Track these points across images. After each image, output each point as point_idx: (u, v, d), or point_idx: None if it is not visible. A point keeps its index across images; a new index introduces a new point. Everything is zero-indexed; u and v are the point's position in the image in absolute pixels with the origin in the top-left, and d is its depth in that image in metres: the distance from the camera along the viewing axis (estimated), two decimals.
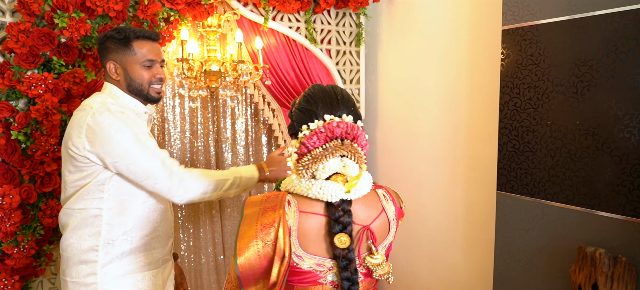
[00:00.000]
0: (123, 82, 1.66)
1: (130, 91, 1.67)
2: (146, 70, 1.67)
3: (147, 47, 1.67)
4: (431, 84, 2.69)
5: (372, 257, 1.17)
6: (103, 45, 1.66)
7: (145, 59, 1.66)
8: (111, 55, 1.65)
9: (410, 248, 2.92)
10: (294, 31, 2.64)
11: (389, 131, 3.03)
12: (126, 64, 1.65)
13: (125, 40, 1.63)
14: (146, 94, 1.68)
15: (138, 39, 1.65)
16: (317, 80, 2.75)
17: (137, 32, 1.66)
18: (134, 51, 1.64)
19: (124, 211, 1.60)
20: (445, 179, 2.64)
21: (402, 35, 2.87)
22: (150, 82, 1.68)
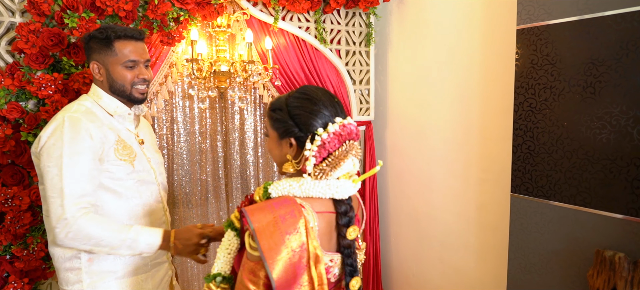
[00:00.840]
0: (105, 82, 1.63)
1: (113, 92, 1.64)
2: (128, 70, 1.62)
3: (129, 47, 1.62)
4: (442, 85, 2.66)
5: (359, 243, 1.28)
6: (87, 45, 1.63)
7: (127, 59, 1.61)
8: (94, 55, 1.62)
9: (420, 250, 2.89)
10: (304, 31, 2.62)
11: (398, 132, 3.00)
12: (108, 64, 1.61)
13: (107, 40, 1.60)
14: (128, 94, 1.64)
15: (120, 39, 1.61)
16: (327, 80, 2.73)
17: (119, 31, 1.61)
18: (116, 51, 1.60)
19: (105, 215, 1.57)
20: (457, 181, 2.61)
21: (413, 35, 2.83)
22: (132, 83, 1.64)
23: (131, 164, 1.63)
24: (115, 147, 1.59)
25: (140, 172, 1.67)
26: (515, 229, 2.06)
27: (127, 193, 1.62)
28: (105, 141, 1.56)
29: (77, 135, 1.48)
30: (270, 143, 1.27)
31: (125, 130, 1.69)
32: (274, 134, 1.25)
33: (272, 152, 1.27)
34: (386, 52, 3.03)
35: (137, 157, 1.67)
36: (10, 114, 1.81)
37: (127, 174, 1.61)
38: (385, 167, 3.11)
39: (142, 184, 1.67)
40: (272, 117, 1.25)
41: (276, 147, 1.25)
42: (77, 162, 1.46)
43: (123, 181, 1.61)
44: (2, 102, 1.81)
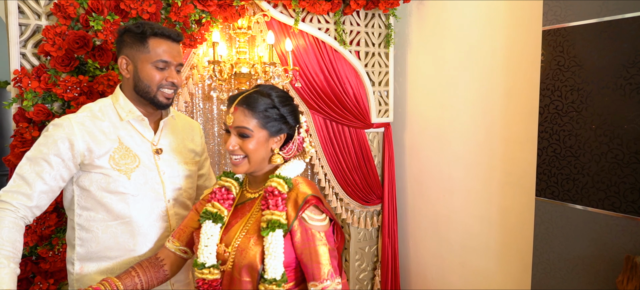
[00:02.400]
0: (131, 80, 1.54)
1: (136, 91, 1.54)
2: (158, 71, 1.52)
3: (164, 46, 1.53)
4: (464, 86, 2.63)
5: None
6: (120, 39, 1.55)
7: (159, 58, 1.51)
8: (125, 49, 1.54)
9: (440, 253, 2.86)
10: (324, 33, 2.61)
11: (418, 134, 2.97)
12: (137, 60, 1.52)
13: (142, 35, 1.51)
14: (152, 97, 1.53)
15: (155, 36, 1.52)
16: (346, 82, 2.72)
17: (156, 28, 1.52)
18: (148, 48, 1.51)
19: (91, 229, 1.52)
20: (479, 184, 2.57)
21: (433, 36, 2.81)
22: (159, 85, 1.53)
23: (127, 174, 1.52)
24: (111, 154, 1.50)
25: (139, 185, 1.54)
26: (539, 233, 2.03)
27: (115, 206, 1.50)
28: (98, 148, 1.47)
29: (46, 141, 1.44)
30: (256, 144, 1.35)
31: (135, 136, 1.57)
32: (263, 133, 1.35)
33: (257, 152, 1.36)
34: (406, 53, 3.01)
35: (139, 168, 1.54)
36: (36, 116, 1.84)
37: (119, 185, 1.50)
38: (403, 170, 3.09)
39: (137, 199, 1.54)
40: (266, 118, 1.35)
41: (263, 145, 1.36)
42: (32, 163, 1.43)
43: (111, 194, 1.50)
44: (29, 105, 1.84)
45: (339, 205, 2.87)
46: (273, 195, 1.34)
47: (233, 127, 1.35)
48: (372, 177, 2.87)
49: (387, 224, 2.95)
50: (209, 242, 1.38)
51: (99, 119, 1.52)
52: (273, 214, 1.32)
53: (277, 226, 1.30)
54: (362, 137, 2.81)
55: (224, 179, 1.49)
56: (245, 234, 1.36)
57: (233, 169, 1.41)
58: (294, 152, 1.44)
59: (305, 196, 1.34)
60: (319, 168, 2.78)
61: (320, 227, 1.34)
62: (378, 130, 2.91)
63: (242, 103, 1.34)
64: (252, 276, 1.32)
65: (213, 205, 1.43)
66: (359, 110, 2.76)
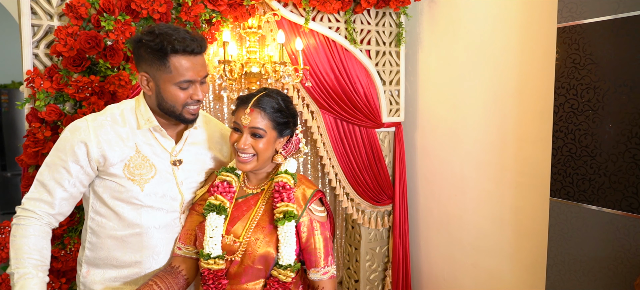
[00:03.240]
0: (154, 98, 1.45)
1: (160, 109, 1.47)
2: (182, 91, 1.41)
3: (187, 63, 1.39)
4: (476, 85, 2.60)
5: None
6: (137, 52, 1.43)
7: (183, 79, 1.39)
8: (144, 65, 1.42)
9: (451, 254, 2.83)
10: (334, 32, 2.60)
11: (429, 134, 2.94)
12: (159, 80, 1.41)
13: (161, 53, 1.36)
14: (178, 115, 1.46)
15: (177, 54, 1.37)
16: (357, 81, 2.70)
17: (177, 44, 1.36)
18: (170, 68, 1.38)
19: (100, 235, 1.51)
20: (491, 184, 2.54)
21: (445, 34, 2.78)
22: (185, 104, 1.44)
23: (140, 186, 1.48)
24: (126, 163, 1.46)
25: (153, 196, 1.50)
26: (554, 235, 1.99)
27: (128, 215, 1.48)
28: (113, 155, 1.44)
29: (64, 147, 1.41)
30: (266, 143, 1.46)
31: (154, 145, 1.52)
32: (273, 134, 1.47)
33: (266, 151, 1.47)
34: (417, 52, 2.98)
35: (154, 178, 1.50)
36: (49, 116, 1.85)
37: (131, 195, 1.47)
38: (414, 170, 3.06)
39: (150, 210, 1.51)
40: (276, 119, 1.46)
41: (271, 145, 1.48)
42: (51, 170, 1.42)
43: (123, 202, 1.48)
44: (41, 105, 1.85)
45: (350, 205, 2.85)
46: (285, 189, 1.47)
47: (248, 127, 1.43)
48: (383, 176, 2.85)
49: (398, 224, 2.92)
50: (214, 234, 1.45)
51: (119, 124, 1.47)
52: (288, 206, 1.44)
53: (292, 217, 1.43)
54: (373, 136, 2.79)
55: (224, 174, 1.56)
56: (256, 226, 1.47)
57: (240, 165, 1.47)
58: (292, 151, 1.57)
59: (313, 190, 1.52)
60: (329, 168, 2.76)
61: (322, 218, 1.53)
62: (389, 129, 2.89)
63: (257, 105, 1.44)
64: (265, 264, 1.44)
65: (216, 198, 1.50)
66: (370, 110, 2.74)
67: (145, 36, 1.38)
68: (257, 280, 1.46)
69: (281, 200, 1.45)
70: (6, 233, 1.84)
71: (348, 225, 3.12)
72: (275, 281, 1.44)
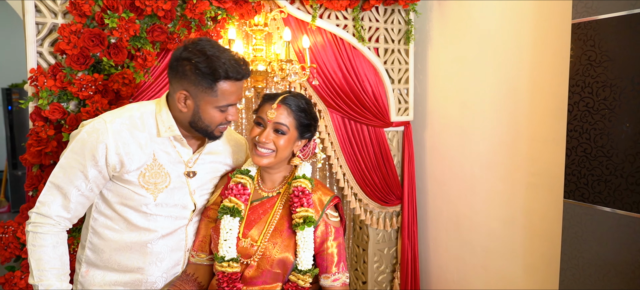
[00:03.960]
0: (187, 116, 1.42)
1: (192, 126, 1.44)
2: (220, 113, 1.41)
3: (233, 88, 1.39)
4: (487, 83, 2.54)
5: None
6: (179, 67, 1.37)
7: (225, 103, 1.39)
8: (185, 83, 1.37)
9: (461, 256, 2.77)
10: (342, 29, 2.55)
11: (439, 133, 2.89)
12: (201, 101, 1.38)
13: (211, 77, 1.33)
14: (210, 133, 1.45)
15: (228, 80, 1.36)
16: (365, 79, 2.65)
17: (230, 70, 1.34)
18: (216, 92, 1.36)
19: (104, 236, 1.47)
20: (503, 184, 2.48)
21: (455, 31, 2.72)
22: (219, 124, 1.44)
23: (154, 195, 1.45)
24: (142, 171, 1.43)
25: (164, 206, 1.48)
26: (568, 238, 1.93)
27: (136, 220, 1.45)
28: (131, 163, 1.40)
29: (82, 149, 1.37)
30: (287, 141, 1.48)
31: (171, 153, 1.49)
32: (294, 134, 1.49)
33: (286, 149, 1.49)
34: (426, 49, 2.93)
35: (168, 188, 1.48)
36: (52, 114, 1.83)
37: (142, 204, 1.44)
38: (424, 169, 3.01)
39: (159, 219, 1.48)
40: (300, 120, 1.49)
41: (290, 145, 1.50)
42: (67, 172, 1.38)
43: (132, 210, 1.45)
44: (44, 103, 1.83)
45: (358, 206, 2.81)
46: (304, 194, 1.48)
47: (273, 122, 1.46)
48: (392, 177, 2.81)
49: (406, 225, 2.87)
50: (228, 236, 1.45)
51: (138, 129, 1.42)
52: (308, 211, 1.45)
53: (312, 222, 1.44)
54: (381, 136, 2.75)
55: (239, 176, 1.57)
56: (274, 229, 1.48)
57: (257, 159, 1.48)
58: (309, 155, 1.59)
59: (330, 196, 1.54)
60: (337, 167, 2.72)
61: (337, 223, 1.55)
62: (398, 128, 2.84)
63: (284, 101, 1.48)
64: (284, 268, 1.46)
65: (230, 200, 1.50)
66: (378, 109, 2.69)
67: (194, 56, 1.34)
68: (275, 283, 1.48)
69: (301, 205, 1.46)
70: (9, 232, 1.83)
71: (356, 226, 3.08)
72: (294, 286, 1.46)
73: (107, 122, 1.39)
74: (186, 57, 1.36)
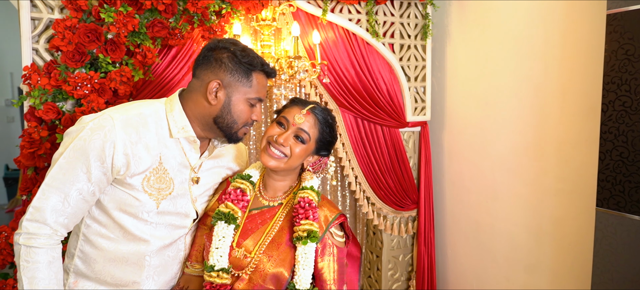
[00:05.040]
0: (214, 110, 1.34)
1: (216, 122, 1.36)
2: (249, 108, 1.38)
3: (263, 83, 1.40)
4: (511, 81, 2.37)
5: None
6: (216, 56, 1.34)
7: (257, 96, 1.38)
8: (222, 73, 1.33)
9: (481, 266, 2.61)
10: (354, 24, 2.42)
11: (458, 134, 2.73)
12: (234, 92, 1.34)
13: (249, 66, 1.34)
14: (232, 133, 1.38)
15: (262, 72, 1.38)
16: (379, 77, 2.52)
17: (264, 62, 1.38)
18: (252, 83, 1.35)
19: (98, 245, 1.35)
20: (528, 190, 2.31)
21: (476, 25, 2.56)
22: (245, 123, 1.39)
23: (157, 201, 1.35)
24: (146, 175, 1.32)
25: (164, 214, 1.38)
26: (601, 249, 1.76)
27: (133, 229, 1.34)
28: (136, 166, 1.30)
29: (86, 146, 1.24)
30: (304, 151, 1.41)
31: (178, 157, 1.39)
32: (312, 146, 1.42)
33: (299, 158, 1.41)
34: (444, 45, 2.77)
35: (172, 194, 1.38)
36: (46, 114, 1.74)
37: (143, 211, 1.34)
38: (441, 173, 2.86)
39: (159, 228, 1.38)
40: (324, 135, 1.43)
41: (304, 156, 1.42)
42: (67, 172, 1.24)
43: (131, 216, 1.34)
44: (37, 103, 1.74)
45: (371, 210, 2.67)
46: (311, 207, 1.37)
47: (298, 126, 1.39)
48: (407, 180, 2.67)
49: (423, 230, 2.73)
50: (221, 244, 1.36)
51: (148, 128, 1.32)
52: (312, 225, 1.34)
53: (315, 238, 1.33)
54: (397, 136, 2.61)
55: (239, 181, 1.46)
56: (271, 241, 1.37)
57: (266, 158, 1.39)
58: (318, 169, 1.51)
59: (337, 213, 1.42)
60: (349, 170, 2.59)
61: (340, 243, 1.43)
62: (414, 129, 2.70)
63: (314, 111, 1.42)
64: (277, 284, 1.33)
65: (226, 206, 1.41)
66: (393, 108, 2.55)
67: (232, 45, 1.36)
68: None
69: (306, 218, 1.35)
70: (2, 238, 1.75)
71: (369, 231, 2.94)
72: None
73: (114, 118, 1.27)
74: (223, 46, 1.36)
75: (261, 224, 1.42)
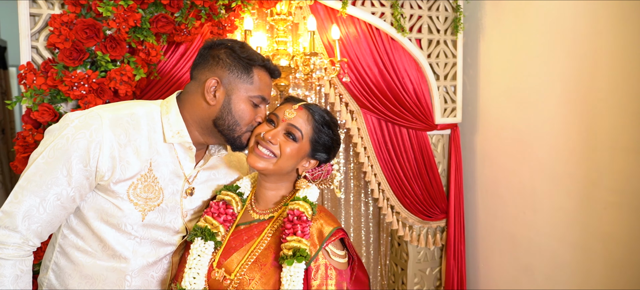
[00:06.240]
0: (215, 110, 1.24)
1: (215, 124, 1.25)
2: (252, 108, 1.27)
3: (266, 80, 1.30)
4: (553, 79, 2.12)
5: None
6: (213, 53, 1.26)
7: (260, 94, 1.27)
8: (219, 70, 1.24)
9: (518, 282, 2.37)
10: (378, 18, 2.24)
11: (492, 138, 2.50)
12: (234, 89, 1.24)
13: (249, 61, 1.25)
14: (235, 136, 1.26)
15: (263, 69, 1.29)
16: (405, 76, 2.33)
17: (265, 59, 1.30)
18: (252, 79, 1.26)
19: (73, 259, 1.23)
20: (573, 202, 2.05)
21: (513, 17, 2.32)
22: (248, 125, 1.27)
23: (143, 213, 1.22)
24: (133, 182, 1.19)
25: (150, 228, 1.24)
26: None
27: (113, 243, 1.20)
28: (123, 172, 1.17)
29: (68, 146, 1.11)
30: (296, 152, 1.25)
31: (170, 165, 1.26)
32: (306, 147, 1.27)
33: (290, 160, 1.24)
34: (477, 40, 2.54)
35: (160, 206, 1.25)
36: (41, 116, 1.63)
37: (126, 222, 1.20)
38: (473, 180, 2.63)
39: (143, 243, 1.24)
40: (319, 134, 1.27)
41: (297, 158, 1.26)
42: (45, 174, 1.12)
43: (112, 228, 1.20)
44: (32, 104, 1.62)
45: (395, 220, 2.48)
46: (300, 220, 1.19)
47: (287, 122, 1.25)
48: (435, 187, 2.46)
49: (452, 242, 2.51)
50: (195, 264, 1.20)
51: (139, 130, 1.20)
52: (301, 242, 1.16)
53: (303, 257, 1.14)
54: (424, 140, 2.41)
55: (224, 192, 1.32)
56: (255, 260, 1.20)
57: (253, 159, 1.24)
58: (320, 177, 1.35)
59: (332, 228, 1.23)
60: (371, 176, 2.40)
61: (340, 264, 1.22)
62: (443, 132, 2.50)
63: (307, 108, 1.29)
64: None
65: (205, 220, 1.26)
66: (420, 109, 2.35)
67: (230, 42, 1.29)
68: None
69: (293, 234, 1.17)
70: None
71: (393, 242, 2.74)
72: None
73: (103, 117, 1.15)
74: (221, 42, 1.29)
75: (247, 240, 1.25)
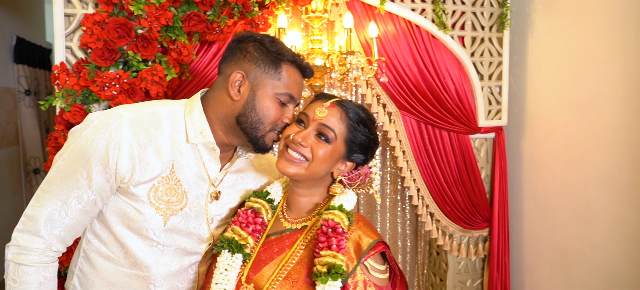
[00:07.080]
0: (238, 106, 1.17)
1: (238, 122, 1.18)
2: (278, 106, 1.19)
3: (296, 78, 1.22)
4: (613, 80, 1.95)
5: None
6: (241, 46, 1.20)
7: (287, 92, 1.19)
8: (246, 63, 1.18)
9: None
10: (418, 14, 2.13)
11: (541, 142, 2.33)
12: (260, 85, 1.17)
13: (278, 56, 1.19)
14: (258, 136, 1.18)
15: (293, 65, 1.21)
16: (446, 76, 2.21)
17: (295, 55, 1.22)
18: (280, 74, 1.18)
19: (96, 265, 1.19)
20: (633, 214, 1.88)
21: (567, 13, 2.15)
22: (273, 125, 1.20)
23: (165, 217, 1.16)
24: (154, 184, 1.14)
25: (172, 233, 1.19)
26: None
27: (136, 250, 1.17)
28: (143, 173, 1.13)
29: (88, 147, 1.08)
30: (329, 154, 1.14)
31: (194, 167, 1.20)
32: (341, 148, 1.16)
33: (324, 163, 1.14)
34: (525, 37, 2.38)
35: (183, 211, 1.19)
36: (74, 117, 1.61)
37: (148, 227, 1.15)
38: (519, 187, 2.46)
39: (166, 250, 1.19)
40: (355, 134, 1.17)
41: (331, 161, 1.16)
42: (67, 178, 1.09)
43: (134, 233, 1.16)
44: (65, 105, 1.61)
45: (435, 228, 2.36)
46: (336, 232, 1.09)
47: (319, 122, 1.15)
48: (478, 194, 2.33)
49: (496, 253, 2.37)
50: (222, 279, 1.13)
51: (160, 131, 1.15)
52: (336, 258, 1.06)
53: (339, 275, 1.04)
54: (466, 144, 2.29)
55: (253, 200, 1.23)
56: (286, 276, 1.11)
57: (283, 164, 1.15)
58: (357, 181, 1.23)
59: (372, 240, 1.12)
60: (410, 181, 2.29)
61: (380, 281, 1.12)
62: (487, 135, 2.37)
63: (340, 104, 1.18)
64: None
65: (232, 230, 1.19)
66: (463, 111, 2.22)
67: (259, 35, 1.23)
68: None
69: (328, 247, 1.07)
70: None
71: (432, 251, 2.61)
72: None
73: (123, 116, 1.11)
74: (250, 36, 1.22)
75: (278, 253, 1.16)
